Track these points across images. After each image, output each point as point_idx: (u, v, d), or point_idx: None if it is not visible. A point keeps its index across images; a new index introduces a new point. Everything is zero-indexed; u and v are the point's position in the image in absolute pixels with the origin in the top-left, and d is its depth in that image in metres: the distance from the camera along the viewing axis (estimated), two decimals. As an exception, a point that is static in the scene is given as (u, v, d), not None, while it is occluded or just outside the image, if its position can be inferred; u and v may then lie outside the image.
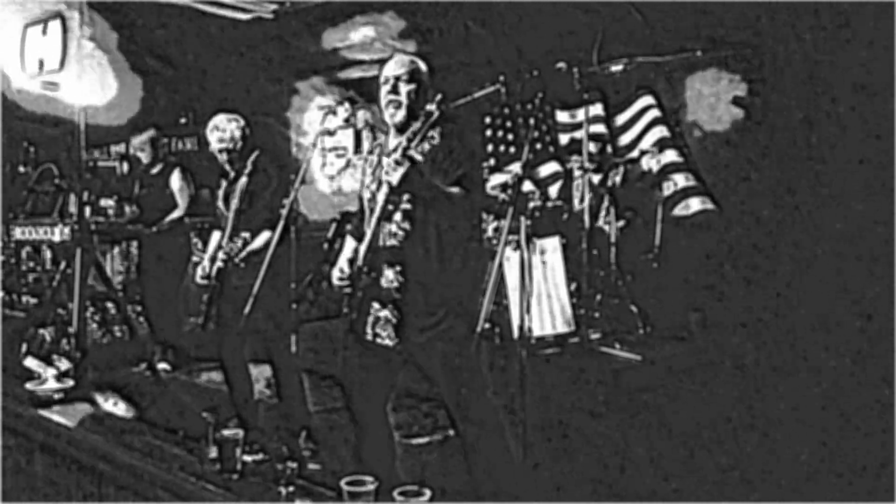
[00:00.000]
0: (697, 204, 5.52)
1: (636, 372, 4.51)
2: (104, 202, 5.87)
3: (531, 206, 5.07)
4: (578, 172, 5.29)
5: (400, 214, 2.62)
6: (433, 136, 2.64)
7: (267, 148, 4.05)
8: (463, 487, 2.68)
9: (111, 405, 3.61)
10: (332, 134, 6.89)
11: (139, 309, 5.66)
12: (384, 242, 2.64)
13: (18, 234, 6.19)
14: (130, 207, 5.55)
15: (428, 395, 3.64)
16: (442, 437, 3.68)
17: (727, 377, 4.16)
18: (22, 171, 7.23)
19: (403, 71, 2.69)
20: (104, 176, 7.17)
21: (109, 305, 5.73)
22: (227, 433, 2.45)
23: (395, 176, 2.48)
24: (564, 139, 6.21)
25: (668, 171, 5.61)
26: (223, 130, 3.82)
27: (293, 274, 3.59)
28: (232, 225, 3.72)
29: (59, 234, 5.96)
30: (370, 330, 2.68)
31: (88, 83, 4.56)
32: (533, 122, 5.89)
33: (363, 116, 7.18)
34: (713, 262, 5.26)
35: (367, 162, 2.88)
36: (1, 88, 4.89)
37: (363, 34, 5.99)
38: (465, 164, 2.59)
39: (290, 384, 3.81)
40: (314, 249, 6.08)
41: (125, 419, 3.44)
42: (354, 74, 6.75)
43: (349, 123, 7.19)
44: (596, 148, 5.73)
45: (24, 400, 3.29)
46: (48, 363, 3.45)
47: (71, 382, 3.43)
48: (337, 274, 2.81)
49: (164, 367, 5.06)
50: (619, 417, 3.78)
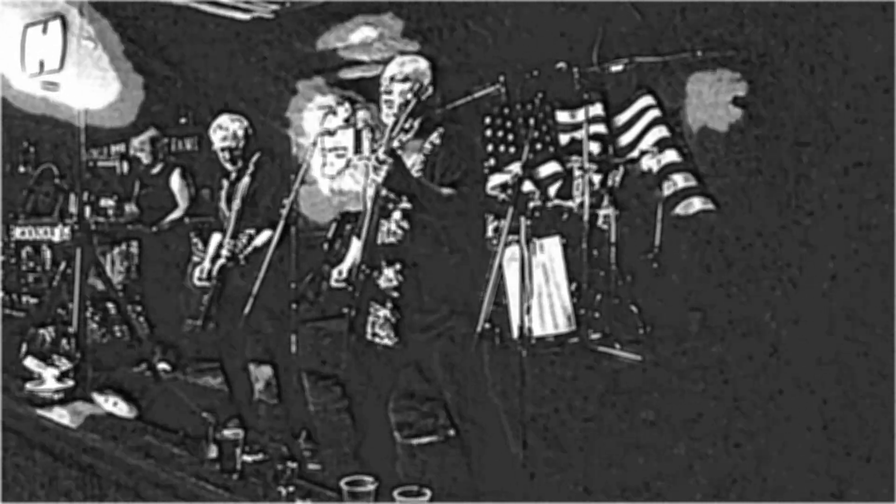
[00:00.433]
0: (697, 204, 5.51)
1: (636, 372, 4.50)
2: (104, 202, 5.88)
3: (531, 206, 5.07)
4: (578, 172, 5.29)
5: (399, 213, 2.62)
6: (433, 138, 2.64)
7: (267, 148, 4.05)
8: (463, 487, 2.68)
9: (111, 405, 3.61)
10: (332, 134, 6.88)
11: (139, 309, 5.67)
12: (383, 241, 2.65)
13: (18, 234, 6.20)
14: (130, 207, 5.56)
15: (428, 395, 3.64)
16: (442, 437, 3.68)
17: (727, 377, 4.17)
18: (22, 171, 7.24)
19: (398, 71, 2.69)
20: (104, 176, 7.19)
21: (109, 305, 5.74)
22: (227, 433, 2.45)
23: (380, 174, 2.46)
24: (564, 139, 6.20)
25: (668, 171, 5.60)
26: (226, 129, 3.83)
27: (293, 274, 3.58)
28: (234, 225, 3.73)
29: (59, 234, 5.97)
30: (370, 330, 2.68)
31: (89, 83, 4.56)
32: (533, 122, 5.89)
33: (363, 116, 7.18)
34: (713, 262, 5.26)
35: (366, 161, 2.88)
36: (1, 89, 4.89)
37: (363, 34, 5.98)
38: (462, 164, 2.58)
39: (289, 384, 3.81)
40: (314, 249, 6.09)
41: (125, 419, 3.43)
42: (354, 74, 6.75)
43: (349, 123, 7.19)
44: (596, 148, 5.73)
45: (24, 400, 3.29)
46: (48, 363, 3.45)
47: (71, 382, 3.43)
48: (335, 275, 2.81)
49: (164, 367, 5.06)
50: (619, 417, 3.78)
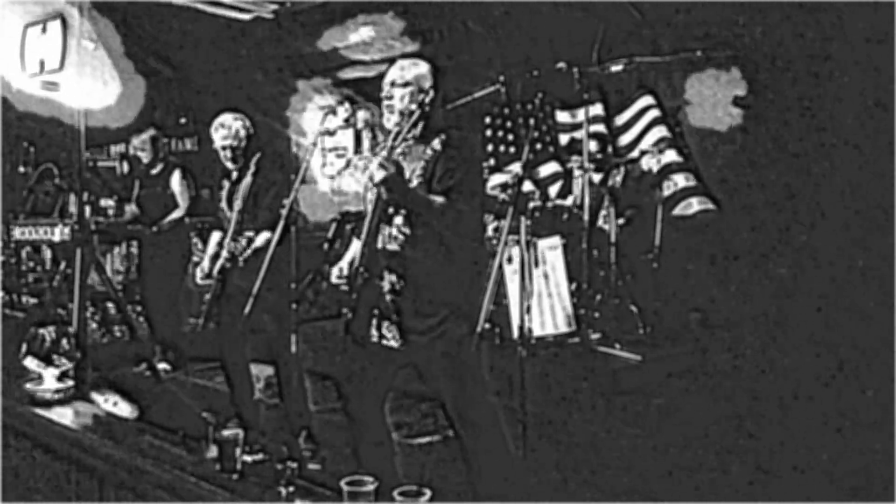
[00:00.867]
0: (697, 204, 5.51)
1: (636, 372, 4.50)
2: (104, 202, 5.88)
3: (531, 206, 5.07)
4: (578, 172, 5.29)
5: (401, 218, 2.61)
6: (434, 144, 2.63)
7: (267, 148, 4.05)
8: (463, 487, 2.68)
9: (111, 405, 3.60)
10: (332, 134, 6.85)
11: (139, 309, 5.67)
12: (385, 246, 2.64)
13: (18, 234, 6.20)
14: (130, 207, 5.56)
15: (427, 395, 3.64)
16: (442, 437, 3.68)
17: (727, 377, 4.16)
18: (22, 171, 7.23)
19: (398, 75, 2.69)
20: (104, 176, 7.18)
21: (109, 305, 5.74)
22: (227, 433, 2.46)
23: (377, 176, 2.46)
24: (564, 139, 6.20)
25: (668, 171, 5.60)
26: (228, 128, 3.83)
27: (293, 274, 3.58)
28: (235, 225, 3.73)
29: (59, 234, 5.97)
30: (375, 332, 2.67)
31: (89, 83, 4.56)
32: (533, 122, 5.89)
33: (363, 116, 7.16)
34: (713, 262, 5.26)
35: (366, 161, 2.88)
36: (1, 89, 4.89)
37: (363, 34, 5.98)
38: (459, 172, 2.56)
39: (290, 384, 3.81)
40: (314, 249, 6.08)
41: (125, 419, 3.43)
42: (354, 74, 6.74)
43: (349, 123, 7.17)
44: (596, 148, 5.72)
45: (24, 400, 3.29)
46: (48, 363, 3.45)
47: (71, 382, 3.43)
48: (336, 272, 2.80)
49: (164, 367, 5.06)
50: (619, 417, 3.78)
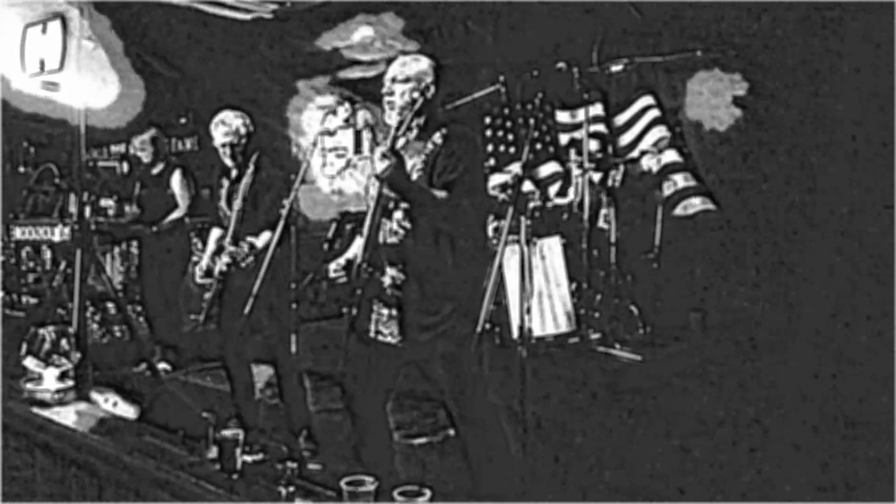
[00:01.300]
0: (697, 204, 5.51)
1: (636, 372, 4.51)
2: (104, 202, 5.88)
3: (531, 206, 5.07)
4: (578, 172, 5.29)
5: (401, 213, 2.62)
6: (435, 139, 2.63)
7: (267, 148, 4.05)
8: (463, 487, 2.68)
9: (111, 405, 3.60)
10: (332, 134, 6.89)
11: (139, 309, 5.67)
12: (385, 240, 2.65)
13: (18, 234, 6.20)
14: (131, 207, 5.55)
15: (427, 395, 3.64)
16: (442, 437, 3.68)
17: (727, 377, 4.17)
18: (22, 171, 7.23)
19: (399, 71, 2.69)
20: (104, 176, 7.17)
21: (109, 305, 5.74)
22: (227, 433, 2.45)
23: (379, 167, 2.48)
24: (564, 139, 6.20)
25: (668, 171, 5.60)
26: (228, 125, 3.82)
27: (293, 274, 3.58)
28: (234, 224, 3.72)
29: (59, 234, 5.97)
30: (373, 328, 2.68)
31: (89, 83, 4.56)
32: (533, 122, 5.91)
33: (363, 116, 7.18)
34: (713, 262, 5.26)
35: (370, 156, 2.89)
36: (1, 89, 4.89)
37: (363, 34, 5.98)
38: (460, 165, 2.57)
39: (290, 384, 3.81)
40: (314, 249, 6.08)
41: (125, 419, 3.43)
42: (354, 74, 6.74)
43: (349, 123, 7.19)
44: (596, 148, 5.72)
45: (24, 400, 3.29)
46: (48, 363, 3.45)
47: (71, 382, 3.43)
48: (333, 266, 2.80)
49: (164, 367, 5.05)
50: (619, 417, 3.78)
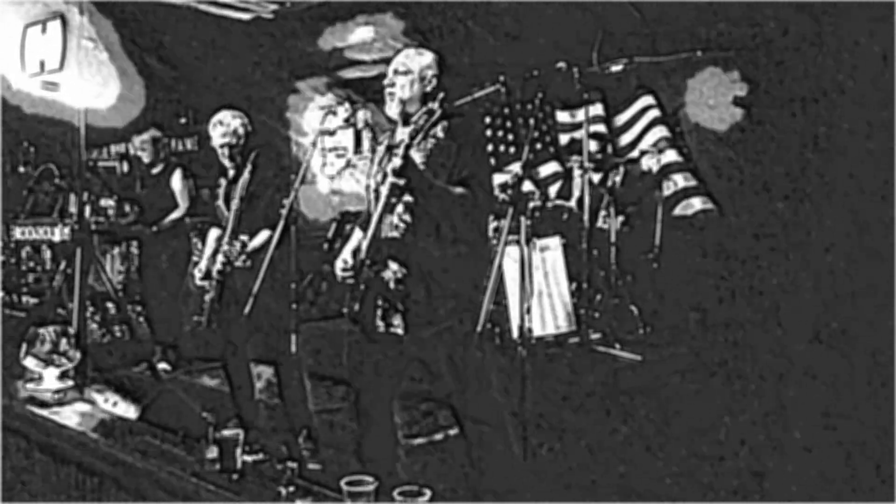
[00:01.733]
0: (697, 204, 5.51)
1: (636, 372, 4.50)
2: (104, 202, 5.87)
3: (531, 206, 5.07)
4: (578, 172, 5.29)
5: (402, 207, 2.62)
6: (437, 132, 2.64)
7: (267, 148, 4.05)
8: (463, 487, 2.67)
9: (111, 405, 3.61)
10: (332, 134, 6.89)
11: (139, 309, 5.67)
12: (386, 234, 2.65)
13: (18, 234, 6.20)
14: (131, 207, 5.55)
15: (428, 394, 3.64)
16: (443, 436, 3.67)
17: (727, 377, 4.16)
18: (22, 171, 7.23)
19: (402, 63, 2.70)
20: (104, 176, 7.17)
21: (109, 305, 5.74)
22: (227, 433, 2.46)
23: (395, 164, 2.48)
24: (564, 139, 6.20)
25: (668, 171, 5.60)
26: (226, 125, 3.82)
27: (293, 274, 3.58)
28: (233, 224, 3.72)
29: (59, 234, 5.97)
30: (380, 322, 2.67)
31: (89, 83, 4.56)
32: (533, 122, 5.89)
33: (363, 116, 7.17)
34: (713, 262, 5.26)
35: (373, 153, 2.89)
36: (1, 89, 4.89)
37: (363, 34, 5.98)
38: (470, 163, 2.59)
39: (290, 384, 3.81)
40: (314, 249, 6.08)
41: (125, 419, 3.43)
42: (354, 74, 6.74)
43: (349, 123, 7.19)
44: (596, 148, 5.72)
45: (24, 400, 3.29)
46: (48, 363, 3.45)
47: (71, 382, 3.43)
48: (340, 265, 2.80)
49: (164, 367, 5.05)
50: (619, 417, 3.78)
